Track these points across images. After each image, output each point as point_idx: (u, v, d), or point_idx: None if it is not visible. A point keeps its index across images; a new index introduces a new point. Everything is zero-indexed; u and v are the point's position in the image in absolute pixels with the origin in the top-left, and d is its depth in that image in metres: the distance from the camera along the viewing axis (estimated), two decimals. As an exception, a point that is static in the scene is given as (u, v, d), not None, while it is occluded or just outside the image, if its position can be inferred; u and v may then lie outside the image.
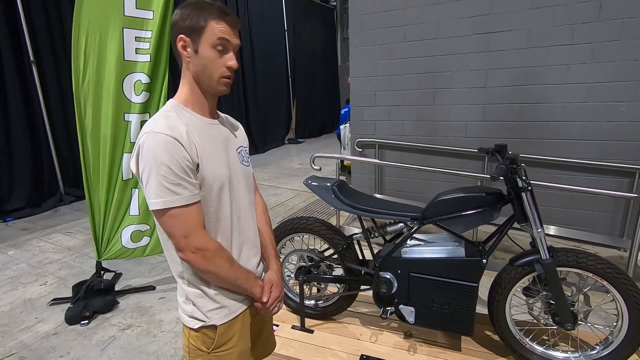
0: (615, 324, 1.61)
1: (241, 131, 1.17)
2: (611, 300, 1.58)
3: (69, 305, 2.50)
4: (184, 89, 0.99)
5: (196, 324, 0.99)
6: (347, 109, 6.55)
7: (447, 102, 3.52)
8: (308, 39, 10.64)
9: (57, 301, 2.61)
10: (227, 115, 1.15)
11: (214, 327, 1.00)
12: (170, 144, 0.87)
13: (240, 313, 1.04)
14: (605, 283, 1.54)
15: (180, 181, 0.88)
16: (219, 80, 0.95)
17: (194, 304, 0.99)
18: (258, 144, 8.63)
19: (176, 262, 0.98)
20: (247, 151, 1.16)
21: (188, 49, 0.94)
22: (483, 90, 3.35)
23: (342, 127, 5.86)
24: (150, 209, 0.89)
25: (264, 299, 1.05)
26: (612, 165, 3.02)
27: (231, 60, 0.95)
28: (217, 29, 0.91)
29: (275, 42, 9.61)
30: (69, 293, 2.63)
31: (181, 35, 0.93)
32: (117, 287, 2.76)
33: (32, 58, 4.54)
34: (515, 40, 3.15)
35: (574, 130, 3.12)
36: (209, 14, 0.91)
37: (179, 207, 0.88)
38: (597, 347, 1.65)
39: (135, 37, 2.43)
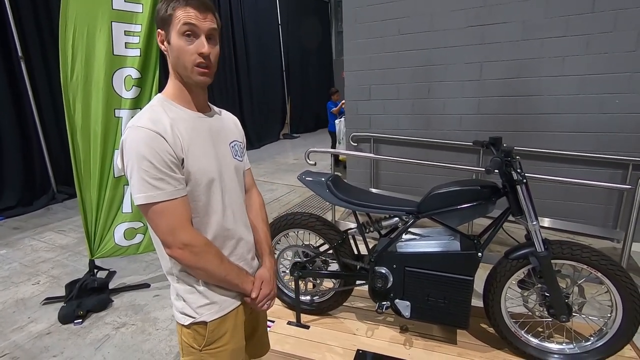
0: (609, 315, 1.61)
1: (236, 125, 1.15)
2: (605, 292, 1.59)
3: (62, 304, 2.47)
4: (169, 83, 0.98)
5: (187, 320, 0.98)
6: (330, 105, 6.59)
7: (442, 95, 3.51)
8: (302, 33, 10.55)
9: (50, 300, 2.58)
10: (221, 109, 1.13)
11: (204, 324, 0.98)
12: (151, 139, 0.86)
13: (232, 310, 1.03)
14: (599, 275, 1.55)
15: (163, 176, 0.86)
16: (193, 70, 0.92)
17: (184, 300, 0.98)
18: (253, 140, 8.59)
19: (166, 258, 0.97)
20: (243, 146, 1.14)
21: (165, 42, 0.93)
22: (478, 83, 3.34)
23: (337, 121, 5.84)
24: (135, 204, 0.89)
25: (253, 295, 1.03)
26: (606, 157, 3.03)
27: (201, 46, 0.90)
28: (182, 15, 0.89)
29: (269, 36, 9.52)
30: (62, 292, 2.60)
31: (158, 30, 0.94)
32: (111, 285, 2.74)
33: (20, 53, 4.45)
34: (509, 32, 3.13)
35: (568, 122, 3.12)
36: (175, 1, 0.90)
37: (162, 202, 0.87)
38: (592, 338, 1.66)
39: (125, 31, 2.39)
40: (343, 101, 4.33)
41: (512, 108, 3.27)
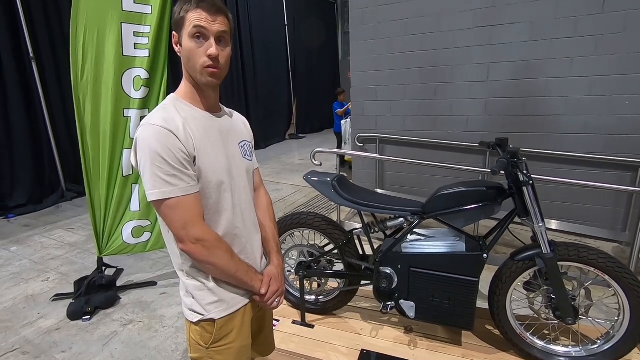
0: (616, 318, 1.60)
1: (245, 125, 1.17)
2: (612, 295, 1.57)
3: (71, 300, 2.51)
4: (182, 83, 1.01)
5: (195, 317, 1.00)
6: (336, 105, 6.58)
7: (448, 96, 3.50)
8: (308, 33, 10.57)
9: (59, 297, 2.62)
10: (231, 110, 1.15)
11: (212, 321, 1.00)
12: (164, 136, 0.88)
13: (240, 308, 1.04)
14: (606, 277, 1.53)
15: (176, 172, 0.88)
16: (202, 71, 0.93)
17: (193, 297, 1.00)
18: (259, 140, 8.62)
19: (176, 255, 0.99)
20: (252, 146, 1.16)
21: (178, 45, 0.96)
22: (485, 83, 3.32)
23: (342, 122, 5.84)
24: (148, 200, 0.90)
25: (262, 291, 1.05)
26: (615, 159, 3.00)
27: (210, 47, 0.91)
28: (192, 17, 0.90)
29: (276, 36, 9.55)
30: (71, 289, 2.64)
31: (173, 32, 0.97)
32: (119, 283, 2.77)
33: (31, 54, 4.52)
34: (517, 33, 3.11)
35: (577, 124, 3.09)
36: (187, 4, 0.91)
37: (175, 198, 0.89)
38: (599, 341, 1.64)
39: (134, 32, 2.42)
40: (349, 103, 4.32)
41: (519, 109, 3.24)
